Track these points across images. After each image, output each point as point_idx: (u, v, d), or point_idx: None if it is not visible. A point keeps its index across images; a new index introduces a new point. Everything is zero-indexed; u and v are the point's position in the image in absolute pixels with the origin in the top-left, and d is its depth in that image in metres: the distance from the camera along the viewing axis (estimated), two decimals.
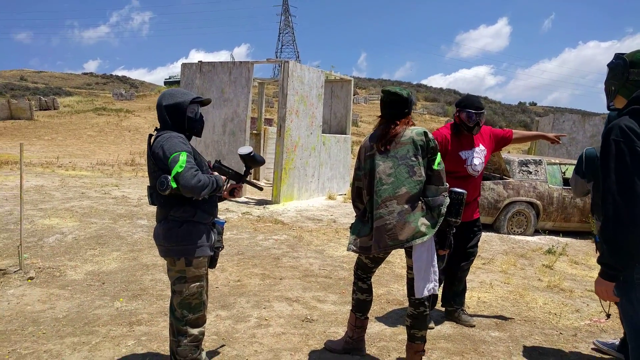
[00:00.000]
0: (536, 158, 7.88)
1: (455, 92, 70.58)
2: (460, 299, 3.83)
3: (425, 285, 2.72)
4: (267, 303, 3.99)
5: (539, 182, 7.58)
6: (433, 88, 77.81)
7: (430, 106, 54.00)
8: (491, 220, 7.56)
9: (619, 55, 2.14)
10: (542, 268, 5.63)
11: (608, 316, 2.95)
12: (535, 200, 7.51)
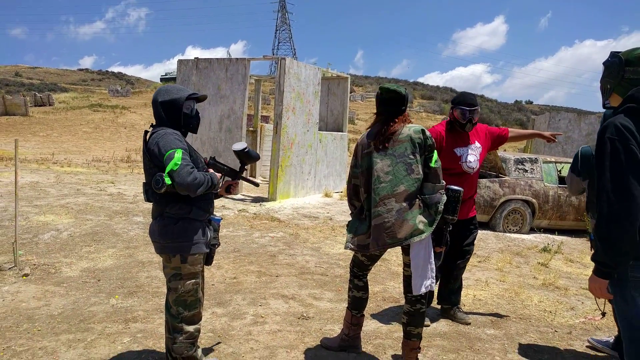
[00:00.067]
0: (532, 156, 7.90)
1: (452, 90, 70.63)
2: (456, 296, 3.84)
3: (422, 282, 2.73)
4: (263, 300, 3.99)
5: (535, 181, 7.61)
6: (430, 86, 77.93)
7: (427, 104, 54.10)
8: (487, 218, 7.58)
9: (615, 54, 2.14)
10: (538, 266, 5.66)
11: (603, 314, 2.96)
12: (531, 198, 7.54)
